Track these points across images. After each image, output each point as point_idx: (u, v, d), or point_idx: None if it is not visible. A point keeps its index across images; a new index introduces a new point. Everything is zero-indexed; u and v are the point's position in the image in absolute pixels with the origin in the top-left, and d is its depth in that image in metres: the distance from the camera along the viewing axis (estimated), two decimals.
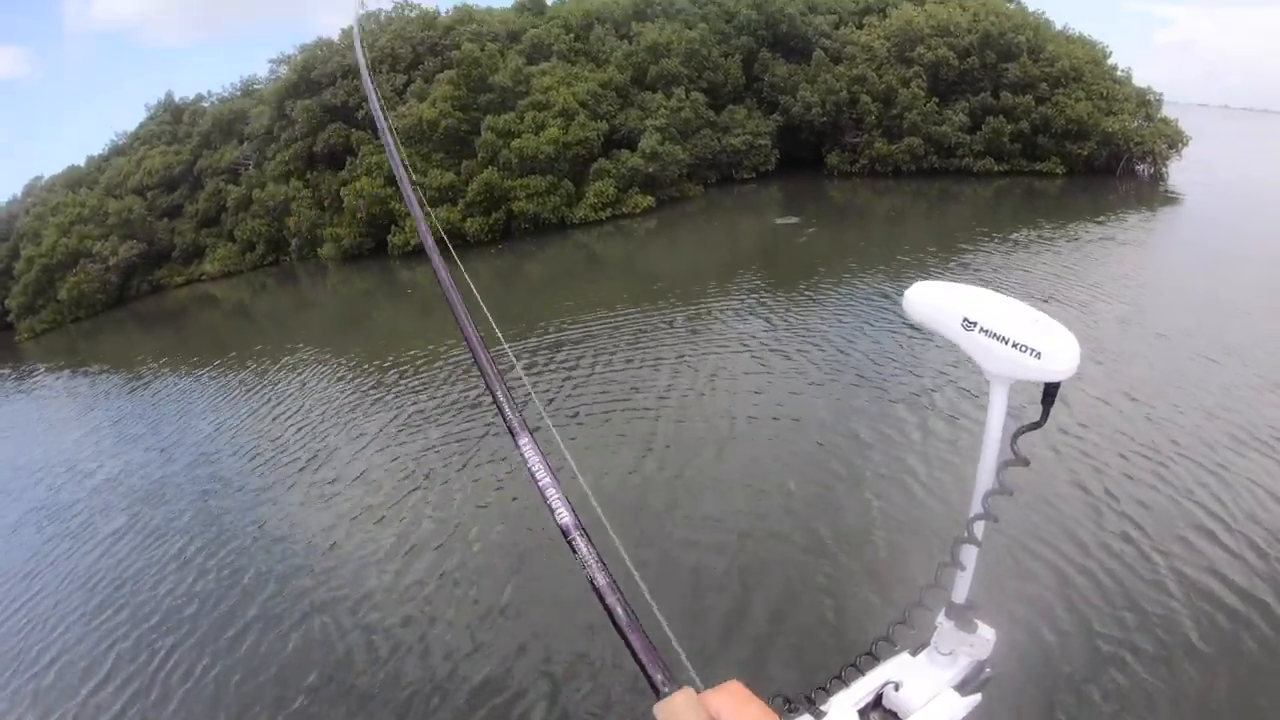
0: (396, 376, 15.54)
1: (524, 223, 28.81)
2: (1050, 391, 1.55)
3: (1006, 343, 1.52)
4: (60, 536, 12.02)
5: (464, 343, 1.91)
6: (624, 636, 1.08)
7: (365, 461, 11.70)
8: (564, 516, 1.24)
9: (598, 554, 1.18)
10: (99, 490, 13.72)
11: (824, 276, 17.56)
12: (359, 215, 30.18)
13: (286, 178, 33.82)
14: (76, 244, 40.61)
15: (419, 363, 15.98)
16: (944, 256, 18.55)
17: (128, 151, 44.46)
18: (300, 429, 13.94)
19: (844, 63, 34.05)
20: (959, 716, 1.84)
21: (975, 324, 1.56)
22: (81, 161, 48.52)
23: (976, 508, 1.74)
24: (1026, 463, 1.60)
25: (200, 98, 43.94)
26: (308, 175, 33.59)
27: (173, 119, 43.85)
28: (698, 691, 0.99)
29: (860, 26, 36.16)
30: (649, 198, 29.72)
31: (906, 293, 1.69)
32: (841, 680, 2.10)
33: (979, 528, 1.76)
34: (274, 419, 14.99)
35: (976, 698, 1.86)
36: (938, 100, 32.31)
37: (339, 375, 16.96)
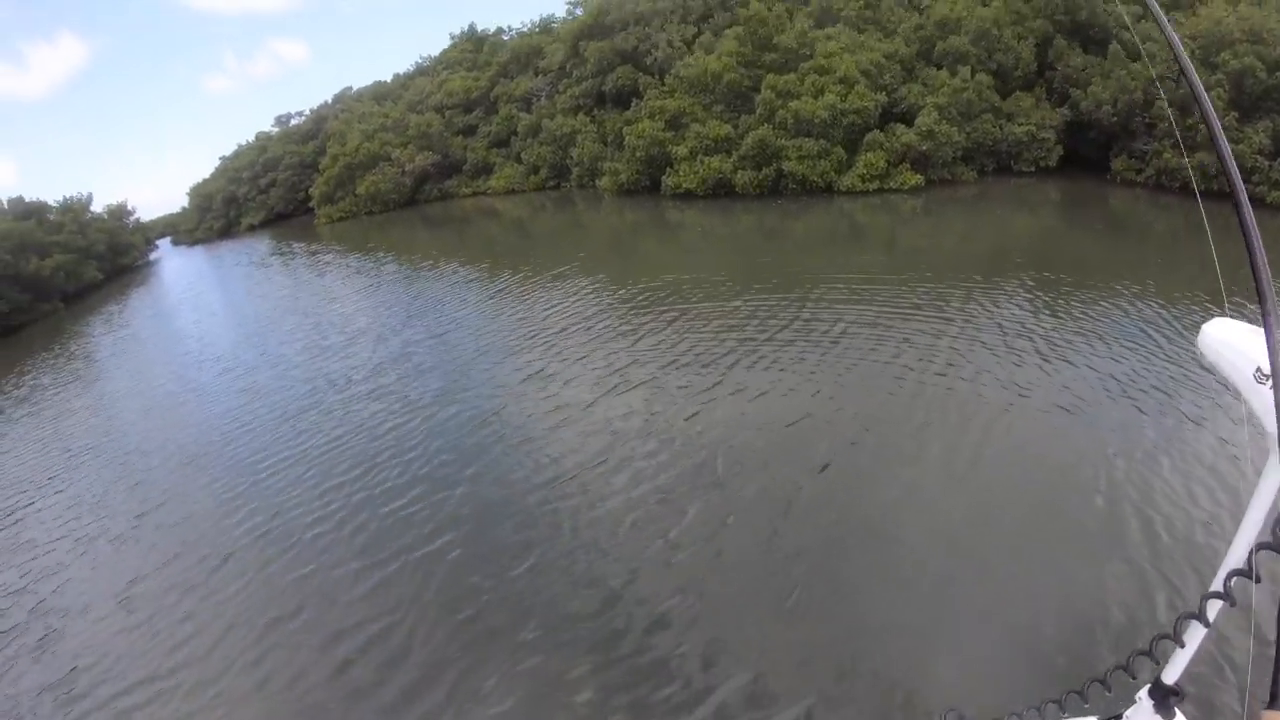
0: (650, 298, 17.69)
1: (791, 183, 30.08)
2: None
3: None
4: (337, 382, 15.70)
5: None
6: None
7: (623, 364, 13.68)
8: None
9: None
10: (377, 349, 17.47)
11: (1096, 288, 15.82)
12: None
13: (575, 112, 37.34)
14: (377, 149, 47.06)
15: (673, 290, 18.04)
16: (1214, 294, 15.38)
17: (430, 73, 50.66)
18: (558, 332, 16.40)
19: (1141, 60, 31.78)
20: None
21: (1269, 378, 1.34)
22: (388, 78, 56.01)
23: (1216, 584, 1.52)
24: None
25: (500, 31, 48.83)
26: (594, 112, 36.86)
27: (474, 48, 49.22)
28: None
29: None
30: (918, 176, 29.90)
31: (1204, 327, 1.52)
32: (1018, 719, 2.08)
33: (1213, 608, 1.53)
34: (536, 317, 17.81)
35: None
36: (1238, 115, 29.45)
37: (600, 292, 19.42)
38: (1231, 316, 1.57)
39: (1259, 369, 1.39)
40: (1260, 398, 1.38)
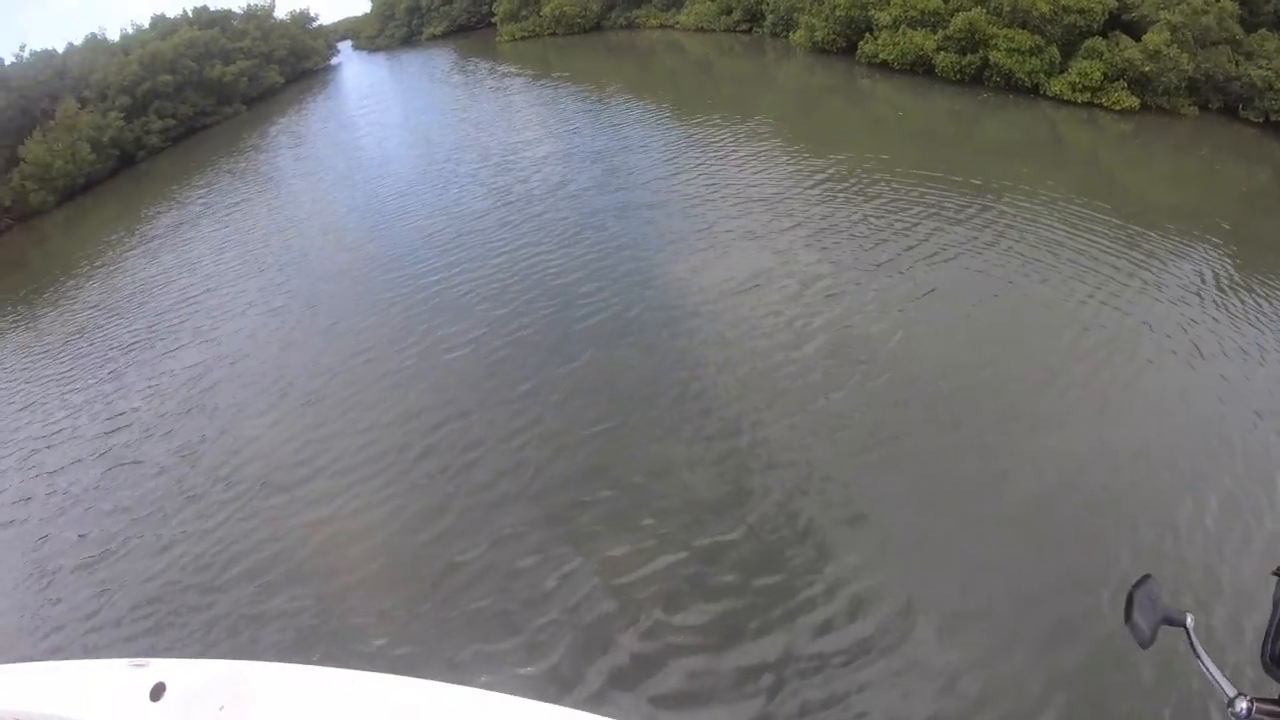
0: (833, 174, 17.96)
1: (996, 75, 28.99)
2: None
3: None
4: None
5: None
6: None
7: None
8: None
9: None
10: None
11: None
12: None
13: None
14: None
15: (854, 166, 18.28)
16: None
17: None
18: (726, 188, 17.37)
19: None
20: None
21: None
22: None
23: None
24: None
25: None
26: None
27: None
28: None
29: None
30: (1134, 98, 28.15)
31: None
32: None
33: None
34: (709, 169, 18.86)
35: None
36: None
37: (777, 156, 19.83)
38: None
39: None
40: None
